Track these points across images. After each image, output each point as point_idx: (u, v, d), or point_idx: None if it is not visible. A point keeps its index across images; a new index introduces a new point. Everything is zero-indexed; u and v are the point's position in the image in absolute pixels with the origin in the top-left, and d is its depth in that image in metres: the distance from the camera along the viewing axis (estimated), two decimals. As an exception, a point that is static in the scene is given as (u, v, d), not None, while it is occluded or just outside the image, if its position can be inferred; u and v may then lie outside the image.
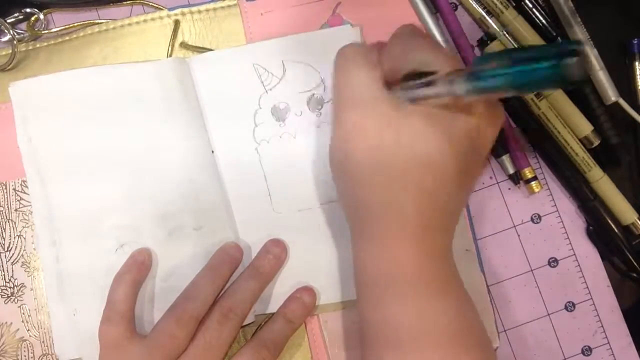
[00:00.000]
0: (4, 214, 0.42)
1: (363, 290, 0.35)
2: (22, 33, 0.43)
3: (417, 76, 0.32)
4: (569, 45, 0.22)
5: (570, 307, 0.44)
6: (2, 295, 0.42)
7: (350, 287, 0.42)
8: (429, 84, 0.30)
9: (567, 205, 0.44)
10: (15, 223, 0.42)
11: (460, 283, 0.35)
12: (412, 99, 0.32)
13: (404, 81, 0.33)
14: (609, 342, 0.44)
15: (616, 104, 0.44)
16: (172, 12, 0.44)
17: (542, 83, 0.23)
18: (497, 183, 0.44)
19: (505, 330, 0.43)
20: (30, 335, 0.42)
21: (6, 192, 0.42)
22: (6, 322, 0.42)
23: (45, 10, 0.44)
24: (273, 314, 0.41)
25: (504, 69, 0.24)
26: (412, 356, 0.32)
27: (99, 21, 0.44)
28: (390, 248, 0.33)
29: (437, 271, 0.33)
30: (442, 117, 0.32)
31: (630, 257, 0.43)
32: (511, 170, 0.43)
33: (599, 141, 0.44)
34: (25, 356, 0.41)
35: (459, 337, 0.33)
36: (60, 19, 0.44)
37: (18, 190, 0.42)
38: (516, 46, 0.43)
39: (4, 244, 0.42)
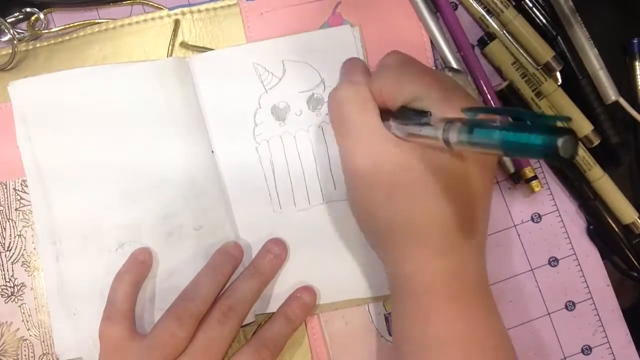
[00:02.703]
0: (4, 214, 0.42)
1: (405, 303, 0.35)
2: (22, 33, 0.43)
3: (411, 112, 0.33)
4: (559, 120, 0.23)
5: (570, 306, 0.44)
6: (2, 295, 0.42)
7: (350, 287, 0.42)
8: (421, 124, 0.31)
9: (567, 205, 0.45)
10: (15, 223, 0.42)
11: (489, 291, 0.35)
12: (406, 135, 0.33)
13: (398, 116, 0.34)
14: (608, 342, 0.44)
15: (616, 103, 0.44)
16: (172, 12, 0.44)
17: (531, 154, 0.23)
18: (497, 182, 0.44)
19: (505, 330, 0.43)
20: (30, 335, 0.42)
21: (6, 192, 0.42)
22: (6, 322, 0.42)
23: (45, 10, 0.44)
24: (273, 313, 0.41)
25: (496, 131, 0.24)
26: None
27: (99, 21, 0.44)
28: (423, 261, 0.33)
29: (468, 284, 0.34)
30: (435, 158, 0.32)
31: (630, 256, 0.43)
32: (511, 170, 0.43)
33: (599, 140, 0.44)
34: (25, 356, 0.41)
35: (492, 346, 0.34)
36: (60, 18, 0.44)
37: (18, 190, 0.42)
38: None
39: (4, 244, 0.42)
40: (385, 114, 0.35)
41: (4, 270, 0.42)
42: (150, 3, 0.44)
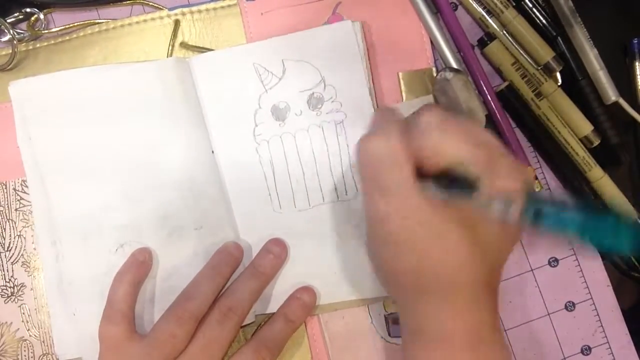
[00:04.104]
0: (4, 214, 0.42)
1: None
2: (22, 33, 0.43)
3: (454, 177, 0.32)
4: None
5: (570, 306, 0.44)
6: (2, 295, 0.42)
7: (351, 287, 0.42)
8: (467, 194, 0.30)
9: (567, 205, 0.44)
10: (15, 223, 0.42)
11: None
12: (445, 198, 0.32)
13: (438, 179, 0.32)
14: (608, 342, 0.44)
15: (616, 103, 0.44)
16: (172, 12, 0.44)
17: (614, 246, 0.23)
18: (497, 183, 0.44)
19: (505, 330, 0.43)
20: (30, 335, 0.42)
21: (6, 192, 0.42)
22: (6, 322, 0.42)
23: (45, 10, 0.44)
24: (273, 314, 0.41)
25: (571, 216, 0.24)
26: None
27: (99, 21, 0.44)
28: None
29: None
30: (472, 224, 0.32)
31: (631, 256, 0.43)
32: (511, 170, 0.43)
33: (599, 141, 0.44)
34: (25, 356, 0.41)
35: None
36: (60, 18, 0.44)
37: (18, 190, 0.42)
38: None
39: (4, 244, 0.42)
40: (423, 174, 0.33)
41: (4, 270, 0.42)
42: (150, 3, 0.44)
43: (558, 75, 0.44)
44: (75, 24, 0.44)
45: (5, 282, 0.42)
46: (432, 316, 0.33)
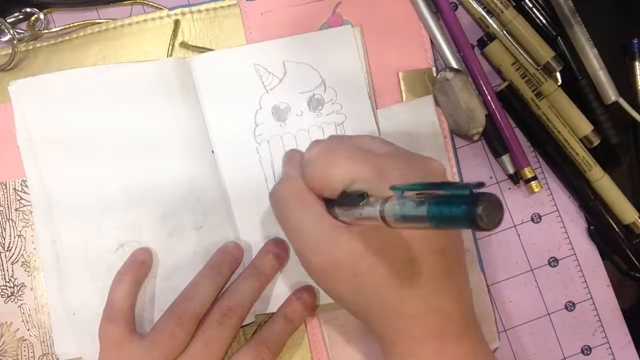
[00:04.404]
0: (4, 214, 0.42)
1: None
2: (22, 33, 0.43)
3: (353, 196, 0.32)
4: (472, 188, 0.22)
5: (570, 306, 0.44)
6: (2, 295, 0.42)
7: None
8: (361, 206, 0.31)
9: (567, 205, 0.45)
10: (15, 223, 0.42)
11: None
12: (353, 219, 0.32)
13: (341, 202, 0.33)
14: (608, 342, 0.44)
15: (616, 103, 0.44)
16: (172, 12, 0.44)
17: (459, 224, 0.23)
18: (497, 183, 0.44)
19: (505, 330, 0.43)
20: (30, 335, 0.42)
21: (6, 192, 0.42)
22: (6, 322, 0.42)
23: (45, 10, 0.44)
24: (273, 314, 0.41)
25: (423, 206, 0.24)
26: None
27: (99, 21, 0.44)
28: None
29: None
30: (389, 236, 0.32)
31: (631, 256, 0.43)
32: (511, 170, 0.44)
33: (599, 141, 0.44)
34: (25, 356, 0.41)
35: None
36: (60, 18, 0.44)
37: (18, 190, 0.42)
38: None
39: (4, 244, 0.42)
40: (331, 202, 0.35)
41: (4, 270, 0.42)
42: (150, 3, 0.44)
43: (558, 75, 0.44)
44: (75, 24, 0.44)
45: (5, 282, 0.42)
46: (390, 330, 0.34)
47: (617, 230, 0.43)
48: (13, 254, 0.42)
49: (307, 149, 0.37)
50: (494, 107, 0.43)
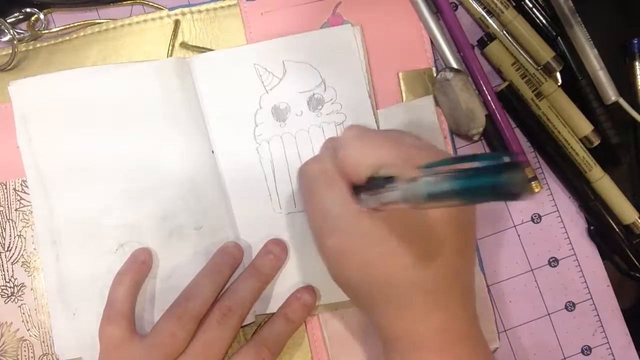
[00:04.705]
0: (4, 214, 0.42)
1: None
2: (22, 33, 0.43)
3: (380, 180, 0.32)
4: (506, 157, 0.22)
5: (570, 306, 0.44)
6: (2, 295, 0.42)
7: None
8: (388, 190, 0.30)
9: (567, 205, 0.45)
10: (15, 223, 0.42)
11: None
12: (378, 204, 0.32)
13: (368, 187, 0.33)
14: (608, 342, 0.44)
15: (616, 103, 0.44)
16: (172, 12, 0.44)
17: (487, 197, 0.23)
18: (497, 183, 0.44)
19: (505, 330, 0.43)
20: (30, 335, 0.42)
21: (6, 192, 0.42)
22: (6, 322, 0.42)
23: (45, 10, 0.44)
24: (273, 313, 0.41)
25: (447, 181, 0.24)
26: None
27: (99, 21, 0.44)
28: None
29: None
30: (410, 222, 0.32)
31: (631, 256, 0.43)
32: (511, 170, 0.43)
33: (599, 141, 0.44)
34: (25, 356, 0.41)
35: None
36: (60, 19, 0.44)
37: (18, 190, 0.42)
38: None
39: (4, 244, 0.42)
40: (358, 188, 0.34)
41: (4, 271, 0.42)
42: (150, 3, 0.44)
43: (558, 75, 0.44)
44: (75, 24, 0.44)
45: (5, 282, 0.42)
46: (395, 324, 0.34)
47: (617, 230, 0.43)
48: (13, 254, 0.42)
49: (342, 134, 0.37)
50: (494, 107, 0.43)
